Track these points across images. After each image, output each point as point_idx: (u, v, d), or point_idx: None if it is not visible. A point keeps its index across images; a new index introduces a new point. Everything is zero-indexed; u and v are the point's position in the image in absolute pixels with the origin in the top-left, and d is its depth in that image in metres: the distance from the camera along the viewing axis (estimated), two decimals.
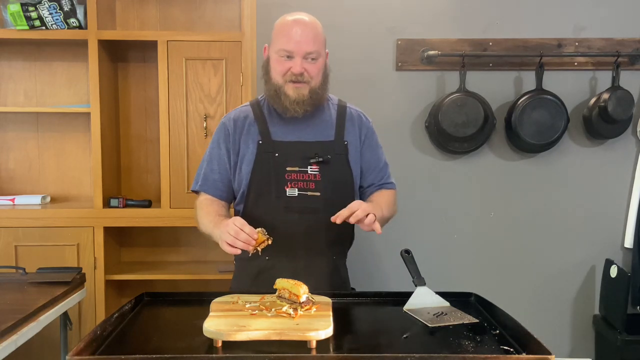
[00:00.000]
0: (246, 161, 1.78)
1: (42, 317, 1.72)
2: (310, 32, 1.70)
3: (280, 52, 1.70)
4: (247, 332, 1.26)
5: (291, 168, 1.75)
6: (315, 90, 1.73)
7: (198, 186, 1.85)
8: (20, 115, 2.77)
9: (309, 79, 1.71)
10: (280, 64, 1.71)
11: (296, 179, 1.75)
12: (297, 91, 1.71)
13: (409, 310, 1.55)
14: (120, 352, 1.24)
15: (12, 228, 2.49)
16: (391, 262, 2.81)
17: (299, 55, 1.69)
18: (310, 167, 1.76)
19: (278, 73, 1.72)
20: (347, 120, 1.84)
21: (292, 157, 1.76)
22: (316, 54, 1.70)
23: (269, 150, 1.76)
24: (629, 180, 2.87)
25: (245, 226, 1.53)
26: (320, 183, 1.76)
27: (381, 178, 1.89)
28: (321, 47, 1.73)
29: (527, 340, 1.28)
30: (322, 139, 1.79)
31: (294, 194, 1.75)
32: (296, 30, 1.69)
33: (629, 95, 2.70)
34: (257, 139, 1.78)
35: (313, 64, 1.71)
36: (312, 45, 1.69)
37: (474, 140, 2.77)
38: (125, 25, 2.75)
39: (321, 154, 1.75)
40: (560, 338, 2.94)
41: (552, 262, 2.91)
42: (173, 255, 2.85)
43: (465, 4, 2.80)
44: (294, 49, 1.68)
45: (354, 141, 1.83)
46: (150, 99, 2.78)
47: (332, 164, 1.77)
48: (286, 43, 1.69)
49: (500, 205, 2.89)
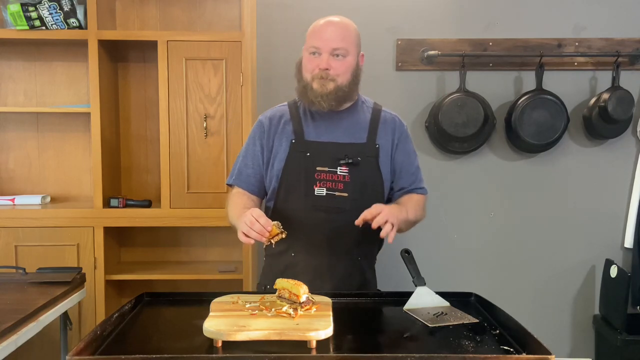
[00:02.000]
0: (279, 158, 1.82)
1: (42, 317, 1.72)
2: (339, 31, 1.76)
3: (309, 48, 1.78)
4: (247, 332, 1.26)
5: (321, 168, 1.79)
6: (342, 87, 1.77)
7: (232, 180, 1.90)
8: (20, 115, 2.77)
9: (335, 76, 1.75)
10: (310, 61, 1.78)
11: (325, 179, 1.79)
12: (323, 86, 1.75)
13: (409, 310, 1.55)
14: (120, 352, 1.24)
15: (12, 228, 2.49)
16: (391, 262, 2.81)
17: (325, 51, 1.74)
18: (340, 167, 1.79)
19: (308, 70, 1.78)
20: (381, 124, 1.87)
21: (322, 157, 1.79)
22: (343, 50, 1.75)
23: (301, 149, 1.80)
24: (629, 180, 2.87)
25: (261, 217, 1.57)
26: (349, 184, 1.78)
27: (412, 182, 1.90)
28: (351, 45, 1.77)
29: (527, 340, 1.28)
30: (354, 141, 1.82)
31: (322, 193, 1.78)
32: (326, 28, 1.77)
33: (629, 95, 2.70)
34: (291, 137, 1.82)
35: (340, 61, 1.76)
36: (339, 42, 1.75)
37: (474, 140, 2.77)
38: (125, 25, 2.75)
39: (351, 156, 1.78)
40: (560, 338, 2.94)
41: (552, 262, 2.91)
42: (173, 255, 2.85)
43: (465, 4, 2.80)
44: (321, 44, 1.75)
45: (385, 144, 1.85)
46: (150, 99, 2.78)
47: (362, 166, 1.79)
48: (315, 40, 1.76)
49: (500, 205, 2.89)
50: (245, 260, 2.51)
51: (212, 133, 2.53)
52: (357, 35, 1.82)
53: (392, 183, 1.89)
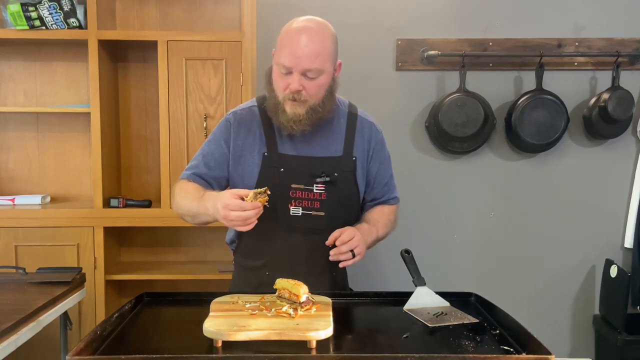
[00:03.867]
0: (249, 172, 1.70)
1: (42, 317, 1.72)
2: (313, 46, 1.58)
3: (279, 66, 1.61)
4: (247, 332, 1.26)
5: (296, 185, 1.68)
6: (315, 107, 1.63)
7: (187, 175, 1.74)
8: (20, 115, 2.77)
9: (307, 97, 1.61)
10: (280, 79, 1.62)
11: (301, 197, 1.68)
12: (294, 109, 1.61)
13: (409, 310, 1.54)
14: (120, 352, 1.24)
15: (12, 228, 2.49)
16: (391, 262, 2.81)
17: (297, 72, 1.58)
18: (316, 185, 1.68)
19: (279, 88, 1.63)
20: (357, 132, 1.76)
21: (297, 174, 1.68)
22: (316, 72, 1.59)
23: (275, 164, 1.69)
24: (629, 180, 2.87)
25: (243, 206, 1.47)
26: (326, 202, 1.69)
27: (385, 193, 1.84)
28: (326, 61, 1.61)
29: (527, 340, 1.28)
30: (330, 154, 1.72)
31: (297, 213, 1.68)
32: (298, 42, 1.57)
33: (629, 95, 2.70)
34: (263, 150, 1.70)
35: (312, 82, 1.60)
36: (313, 62, 1.57)
37: (474, 140, 2.77)
38: (125, 25, 2.75)
39: (328, 172, 1.68)
40: (560, 338, 2.94)
41: (552, 262, 2.91)
42: (173, 255, 2.85)
43: (465, 4, 2.80)
44: (292, 64, 1.57)
45: (361, 155, 1.76)
46: (150, 99, 2.78)
47: (339, 183, 1.70)
48: (285, 58, 1.58)
49: (500, 205, 2.89)
50: None
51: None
52: (334, 43, 1.65)
53: (364, 194, 1.80)
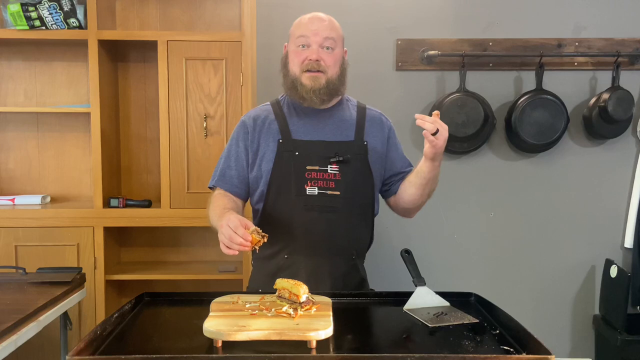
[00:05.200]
0: (266, 159, 1.78)
1: (42, 317, 1.72)
2: (327, 24, 1.76)
3: (298, 40, 1.76)
4: (247, 332, 1.26)
5: (311, 167, 1.76)
6: (333, 80, 1.76)
7: (214, 182, 1.85)
8: (20, 115, 2.77)
9: (325, 68, 1.74)
10: (298, 54, 1.76)
11: (316, 178, 1.76)
12: (314, 80, 1.74)
13: (409, 310, 1.55)
14: (120, 352, 1.24)
15: (12, 228, 2.49)
16: (391, 262, 2.81)
17: (315, 43, 1.74)
18: (330, 166, 1.76)
19: (295, 64, 1.76)
20: (367, 121, 1.86)
21: (312, 156, 1.76)
22: (332, 42, 1.75)
23: (289, 149, 1.77)
24: (629, 180, 2.87)
25: (238, 228, 1.50)
26: (341, 182, 1.76)
27: (407, 164, 1.92)
28: (338, 38, 1.78)
29: (527, 340, 1.28)
30: (342, 139, 1.80)
31: (313, 193, 1.75)
32: (313, 21, 1.76)
33: (629, 95, 2.70)
34: (278, 137, 1.78)
35: (329, 54, 1.75)
36: (329, 33, 1.74)
37: (474, 140, 2.77)
38: (125, 25, 2.75)
39: (341, 154, 1.76)
40: (560, 338, 2.94)
41: (552, 262, 2.91)
42: (173, 255, 2.85)
43: (465, 4, 2.80)
44: (310, 35, 1.74)
45: (375, 142, 1.84)
46: (150, 99, 2.78)
47: (352, 164, 1.77)
48: (304, 31, 1.75)
49: (500, 205, 2.89)
50: (245, 260, 2.51)
51: (212, 133, 2.53)
52: (341, 30, 1.82)
53: (388, 178, 1.88)
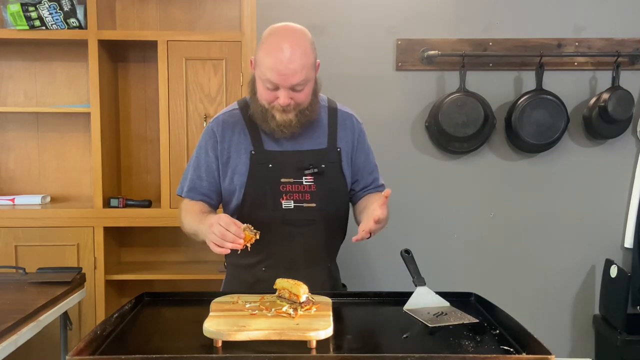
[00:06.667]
0: (238, 172, 1.72)
1: (42, 317, 1.72)
2: (298, 61, 1.57)
3: (265, 82, 1.61)
4: (247, 332, 1.26)
5: (286, 179, 1.71)
6: (303, 111, 1.66)
7: (184, 193, 1.79)
8: (20, 115, 2.77)
9: (296, 105, 1.64)
10: (266, 92, 1.63)
11: (291, 191, 1.71)
12: (284, 116, 1.64)
13: (409, 310, 1.54)
14: (120, 352, 1.24)
15: (12, 228, 2.49)
16: (391, 262, 2.81)
17: (284, 88, 1.60)
18: (305, 177, 1.72)
19: (265, 100, 1.64)
20: (339, 125, 1.79)
21: (286, 168, 1.71)
22: (303, 84, 1.61)
23: (262, 160, 1.71)
24: (629, 180, 2.87)
25: (230, 225, 1.47)
26: (316, 194, 1.72)
27: (373, 181, 1.86)
28: (309, 72, 1.62)
29: (527, 340, 1.28)
30: (315, 147, 1.75)
31: (289, 206, 1.71)
32: (282, 59, 1.56)
33: (629, 95, 2.70)
34: (250, 149, 1.72)
35: (300, 93, 1.62)
36: (299, 77, 1.58)
37: (474, 140, 2.77)
38: (125, 25, 2.75)
39: (315, 164, 1.71)
40: (560, 338, 2.94)
41: (552, 262, 2.91)
42: (173, 255, 2.85)
43: (465, 4, 2.80)
44: (279, 81, 1.58)
45: (346, 146, 1.79)
46: (150, 99, 2.78)
47: (326, 174, 1.73)
48: (270, 74, 1.58)
49: (500, 205, 2.89)
50: None
51: None
52: (314, 50, 1.64)
53: (353, 184, 1.83)
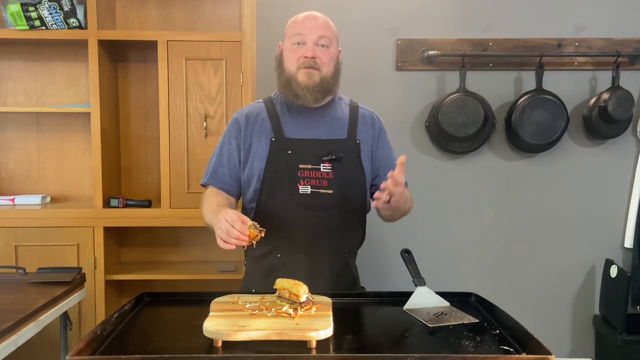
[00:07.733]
0: (258, 157, 1.78)
1: (42, 317, 1.72)
2: (322, 22, 1.78)
3: (293, 38, 1.76)
4: (247, 332, 1.26)
5: (304, 165, 1.76)
6: (327, 79, 1.76)
7: (206, 179, 1.86)
8: (20, 115, 2.77)
9: (320, 65, 1.75)
10: (293, 52, 1.76)
11: (309, 177, 1.76)
12: (308, 76, 1.74)
13: (409, 310, 1.55)
14: (120, 352, 1.24)
15: (12, 228, 2.49)
16: (391, 262, 2.82)
17: (311, 41, 1.75)
18: (323, 164, 1.77)
19: (291, 62, 1.76)
20: (360, 119, 1.86)
21: (305, 155, 1.77)
22: (328, 40, 1.76)
23: (282, 147, 1.77)
24: (629, 180, 2.87)
25: (236, 222, 1.49)
26: (333, 181, 1.76)
27: None
28: (333, 36, 1.79)
29: (527, 340, 1.28)
30: (335, 137, 1.80)
31: (306, 192, 1.75)
32: (308, 20, 1.77)
33: (629, 95, 2.70)
34: (270, 135, 1.79)
35: (324, 51, 1.76)
36: (324, 31, 1.76)
37: (474, 140, 2.77)
38: (125, 25, 2.75)
39: (333, 152, 1.76)
40: (560, 338, 2.94)
41: (552, 262, 2.91)
42: (173, 255, 2.85)
43: (465, 4, 2.80)
44: (305, 32, 1.75)
45: (366, 140, 1.84)
46: (150, 99, 2.78)
47: (344, 162, 1.78)
48: (299, 29, 1.76)
49: (500, 205, 2.89)
50: None
51: (212, 133, 2.53)
52: (336, 30, 1.83)
53: (374, 180, 1.87)
